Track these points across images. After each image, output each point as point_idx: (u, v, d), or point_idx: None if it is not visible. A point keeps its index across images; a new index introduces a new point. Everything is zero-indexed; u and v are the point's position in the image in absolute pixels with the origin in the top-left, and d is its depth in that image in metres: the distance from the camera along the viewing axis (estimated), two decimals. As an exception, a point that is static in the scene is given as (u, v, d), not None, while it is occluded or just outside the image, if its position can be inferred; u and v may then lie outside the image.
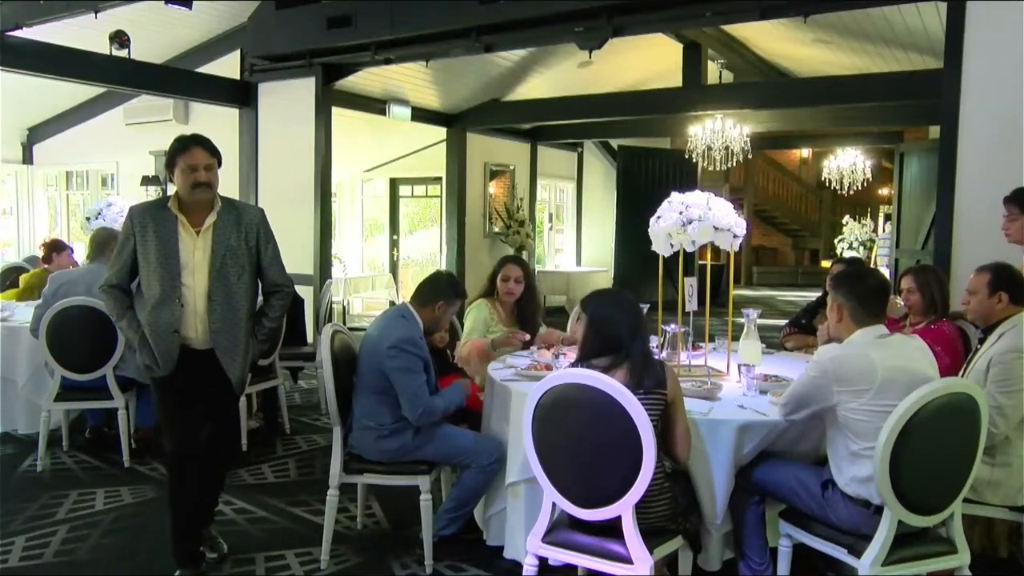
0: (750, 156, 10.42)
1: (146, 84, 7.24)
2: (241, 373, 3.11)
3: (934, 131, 8.57)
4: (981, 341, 3.05)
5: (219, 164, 3.02)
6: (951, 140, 4.45)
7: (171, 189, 10.35)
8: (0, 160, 9.83)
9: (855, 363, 2.46)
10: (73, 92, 8.64)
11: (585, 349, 2.64)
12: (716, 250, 3.41)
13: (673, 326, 3.43)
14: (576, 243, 12.84)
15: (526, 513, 2.96)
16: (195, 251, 2.96)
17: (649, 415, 2.36)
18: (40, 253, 5.97)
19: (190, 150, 2.95)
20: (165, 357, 2.98)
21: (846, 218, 14.05)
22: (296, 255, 7.19)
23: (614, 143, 12.43)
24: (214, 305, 2.97)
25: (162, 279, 2.92)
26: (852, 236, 13.55)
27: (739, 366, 3.26)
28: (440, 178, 10.14)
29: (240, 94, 7.58)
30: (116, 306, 3.04)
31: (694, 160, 9.95)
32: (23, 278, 5.89)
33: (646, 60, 9.32)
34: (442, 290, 3.31)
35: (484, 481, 3.21)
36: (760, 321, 3.43)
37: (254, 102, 7.63)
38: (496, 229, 10.64)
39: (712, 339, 4.02)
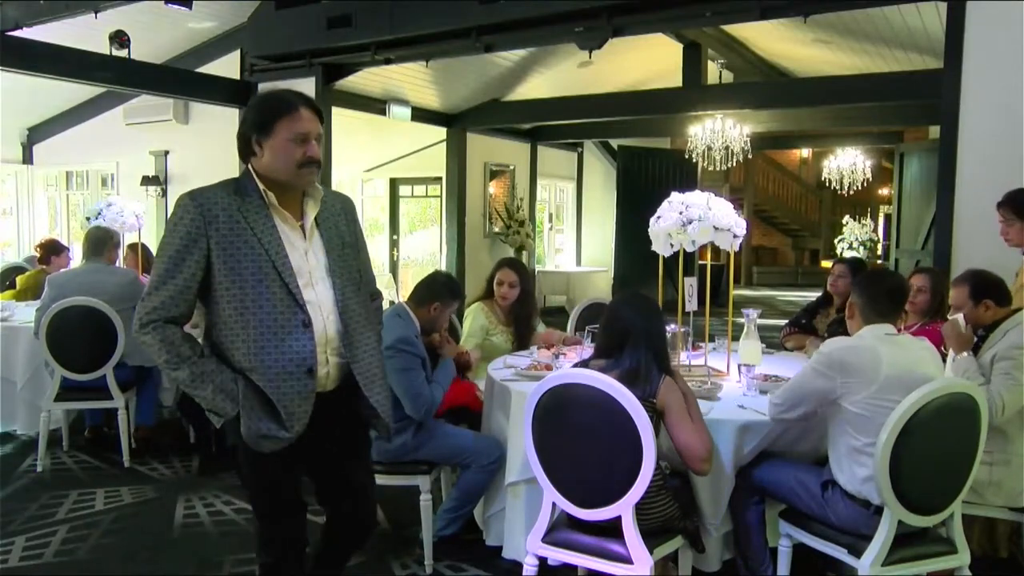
0: (750, 156, 10.41)
1: (146, 84, 7.23)
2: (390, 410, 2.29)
3: (934, 131, 8.58)
4: (982, 340, 3.05)
5: None
6: (951, 140, 4.45)
7: (173, 190, 10.22)
8: (0, 160, 9.83)
9: (861, 355, 2.47)
10: (73, 92, 8.64)
11: (598, 342, 2.70)
12: (716, 250, 3.41)
13: (673, 326, 3.43)
14: (576, 243, 12.84)
15: (526, 513, 2.97)
16: (307, 253, 2.12)
17: None
18: (36, 254, 5.97)
19: (298, 112, 2.05)
20: (298, 411, 2.04)
21: (846, 218, 14.06)
22: (296, 255, 7.18)
23: (614, 143, 12.42)
24: (349, 324, 2.14)
25: (272, 297, 2.01)
26: (852, 236, 13.56)
27: (739, 366, 3.26)
28: (440, 178, 10.14)
29: (240, 94, 7.57)
30: (176, 353, 1.98)
31: (694, 160, 9.94)
32: (20, 279, 5.90)
33: (646, 60, 9.32)
34: (438, 291, 3.30)
35: (484, 481, 3.21)
36: (760, 321, 3.43)
37: (254, 102, 7.62)
38: (496, 229, 10.64)
39: (712, 339, 4.02)
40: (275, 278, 2.02)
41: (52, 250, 5.80)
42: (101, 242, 4.61)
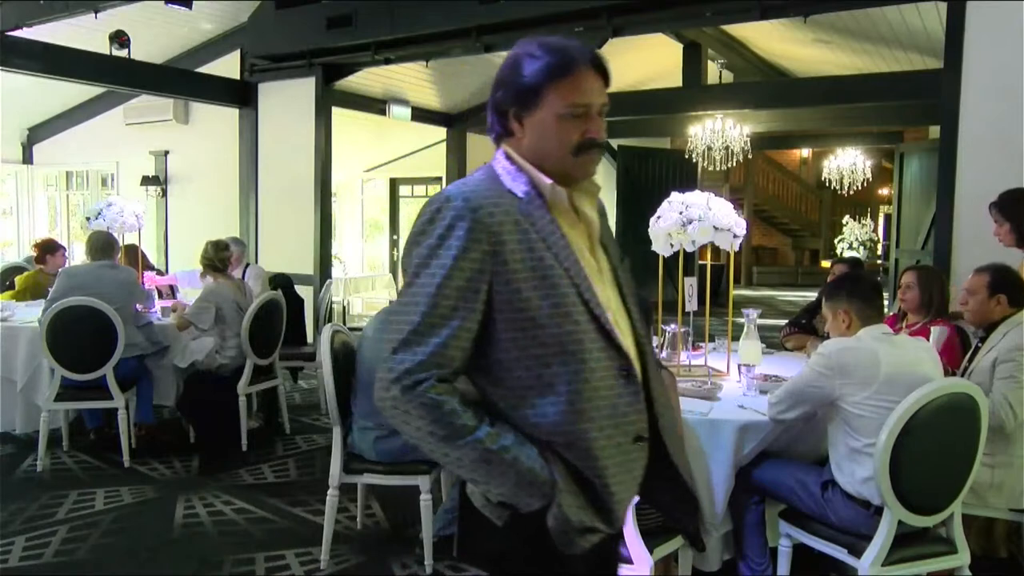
0: (750, 156, 10.43)
1: (146, 84, 7.24)
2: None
3: (934, 131, 8.57)
4: (982, 340, 3.06)
5: None
6: (951, 140, 4.46)
7: (173, 190, 10.31)
8: (0, 160, 9.83)
9: (860, 356, 2.47)
10: (73, 92, 8.64)
11: None
12: (716, 250, 3.41)
13: (673, 326, 3.43)
14: (576, 243, 12.83)
15: (526, 513, 2.96)
16: (601, 274, 1.48)
17: None
18: (33, 254, 5.98)
19: (580, 73, 1.42)
20: (626, 496, 1.43)
21: (846, 218, 14.08)
22: (296, 255, 7.20)
23: (614, 143, 12.39)
24: (649, 369, 1.51)
25: (584, 339, 1.38)
26: (852, 236, 13.58)
27: (739, 366, 3.26)
28: (440, 178, 10.14)
29: (240, 94, 7.59)
30: (456, 425, 1.31)
31: (694, 160, 9.95)
32: (19, 279, 5.90)
33: (646, 60, 9.32)
34: None
35: (484, 481, 3.20)
36: (760, 321, 3.43)
37: (254, 102, 7.63)
38: (496, 229, 10.63)
39: (712, 339, 4.02)
40: (583, 313, 1.38)
41: (47, 249, 5.81)
42: (109, 245, 4.67)
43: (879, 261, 13.17)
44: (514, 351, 1.37)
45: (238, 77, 7.63)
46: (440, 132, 9.73)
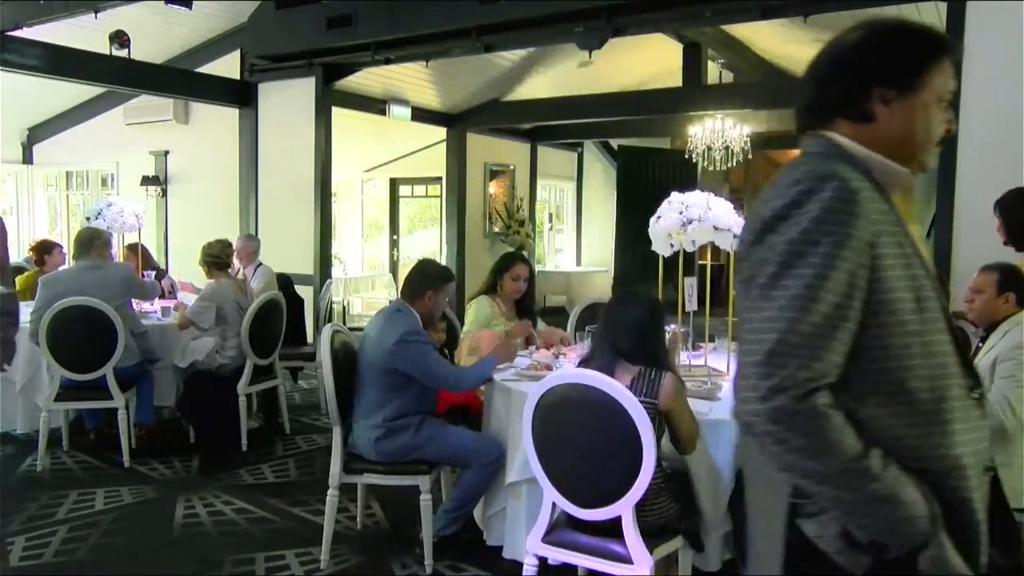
0: (750, 156, 10.42)
1: (146, 84, 7.24)
2: None
3: (934, 131, 8.57)
4: (983, 340, 3.05)
5: None
6: (951, 140, 4.45)
7: (173, 190, 10.31)
8: (0, 160, 9.83)
9: None
10: (73, 92, 8.64)
11: (596, 338, 2.73)
12: (716, 250, 3.41)
13: (673, 326, 3.43)
14: (576, 243, 12.84)
15: (526, 513, 2.97)
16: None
17: None
18: (32, 256, 5.99)
19: (949, 61, 1.30)
20: (983, 535, 1.26)
21: (846, 218, 14.06)
22: (296, 255, 7.19)
23: (614, 143, 12.41)
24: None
25: (943, 353, 1.25)
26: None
27: (739, 366, 3.25)
28: (440, 178, 10.14)
29: (240, 94, 7.59)
30: (839, 444, 1.14)
31: (694, 160, 9.94)
32: (19, 279, 5.89)
33: (646, 60, 9.32)
34: (428, 279, 3.31)
35: (484, 481, 3.21)
36: (760, 321, 3.42)
37: (254, 102, 7.63)
38: (496, 229, 10.64)
39: (712, 339, 4.02)
40: (942, 321, 1.26)
41: (44, 250, 5.83)
42: (88, 241, 4.61)
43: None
44: (885, 360, 1.19)
45: (238, 77, 7.63)
46: (440, 132, 9.72)
